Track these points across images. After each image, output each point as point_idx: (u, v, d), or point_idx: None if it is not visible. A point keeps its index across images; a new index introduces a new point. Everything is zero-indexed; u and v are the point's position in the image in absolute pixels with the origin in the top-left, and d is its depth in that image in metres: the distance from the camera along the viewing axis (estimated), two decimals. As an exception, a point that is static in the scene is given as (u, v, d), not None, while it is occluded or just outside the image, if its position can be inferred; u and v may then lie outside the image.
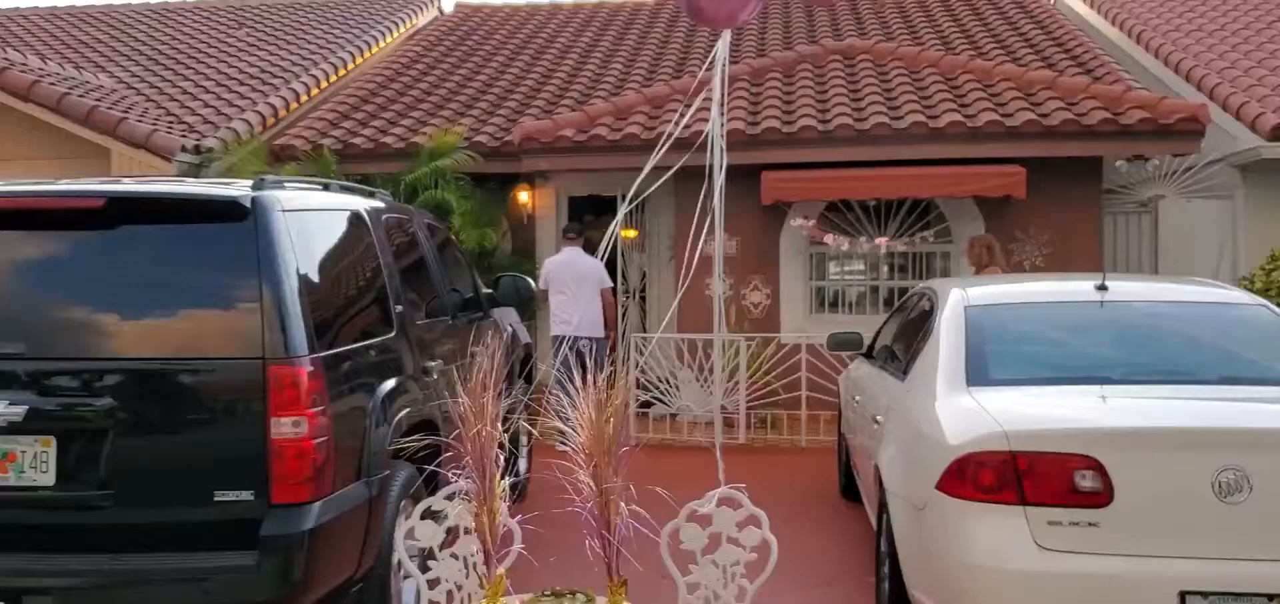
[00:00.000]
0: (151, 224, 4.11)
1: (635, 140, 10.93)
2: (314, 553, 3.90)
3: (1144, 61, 13.61)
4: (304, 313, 4.00)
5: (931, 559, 4.20)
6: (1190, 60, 12.72)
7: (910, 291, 6.78)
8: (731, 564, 3.92)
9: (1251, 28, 14.00)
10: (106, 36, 16.61)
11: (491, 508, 3.25)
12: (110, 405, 3.88)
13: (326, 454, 3.98)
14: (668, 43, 15.38)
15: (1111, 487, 3.80)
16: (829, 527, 7.04)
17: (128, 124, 11.44)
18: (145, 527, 3.89)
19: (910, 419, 4.83)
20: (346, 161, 11.71)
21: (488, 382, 3.21)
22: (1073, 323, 5.05)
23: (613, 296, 10.11)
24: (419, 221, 6.24)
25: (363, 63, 15.80)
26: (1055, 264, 10.70)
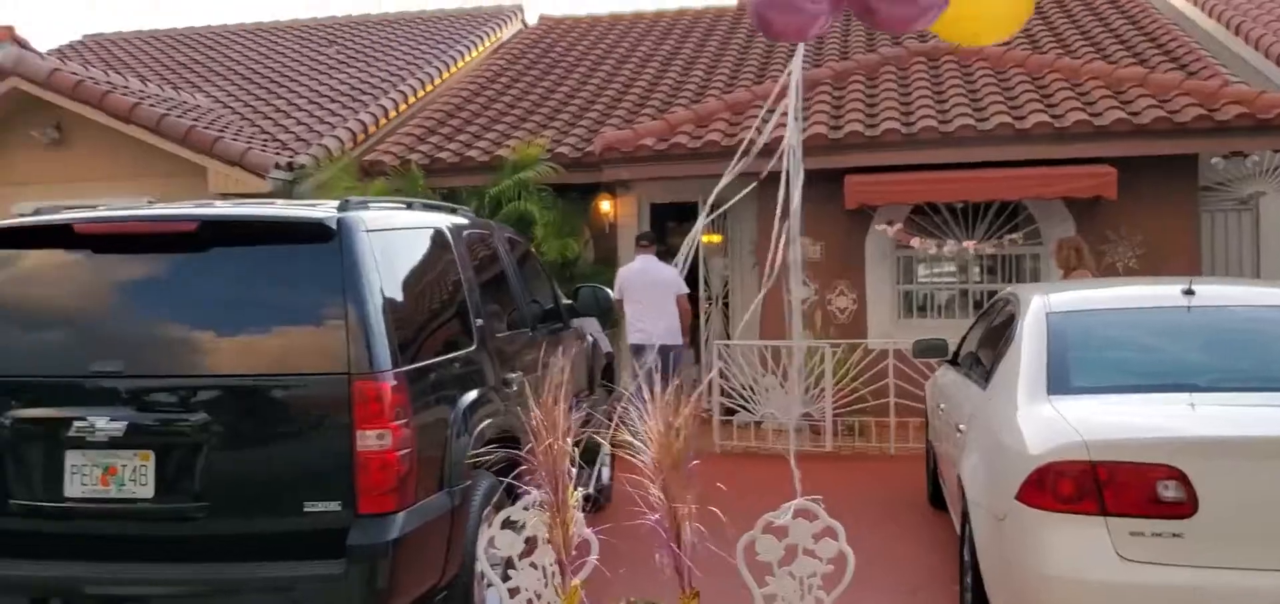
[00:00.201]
0: (242, 245, 4.28)
1: (715, 147, 10.96)
2: (399, 562, 4.02)
3: (1243, 54, 13.21)
4: (387, 329, 4.13)
5: (1011, 570, 4.15)
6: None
7: (995, 297, 6.69)
8: (808, 576, 3.94)
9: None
10: (203, 57, 17.17)
11: (564, 519, 3.31)
12: (205, 420, 4.05)
13: (410, 465, 4.09)
14: (749, 49, 15.37)
15: (1196, 497, 3.72)
16: (916, 535, 6.98)
17: (223, 143, 11.81)
18: (238, 536, 4.04)
19: (991, 428, 4.78)
20: (433, 175, 11.95)
21: (559, 394, 3.27)
22: (1158, 328, 4.94)
23: (688, 304, 10.10)
24: (499, 236, 6.36)
25: (449, 77, 16.08)
26: (1149, 266, 10.44)
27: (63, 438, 4.03)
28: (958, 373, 6.37)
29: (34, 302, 4.41)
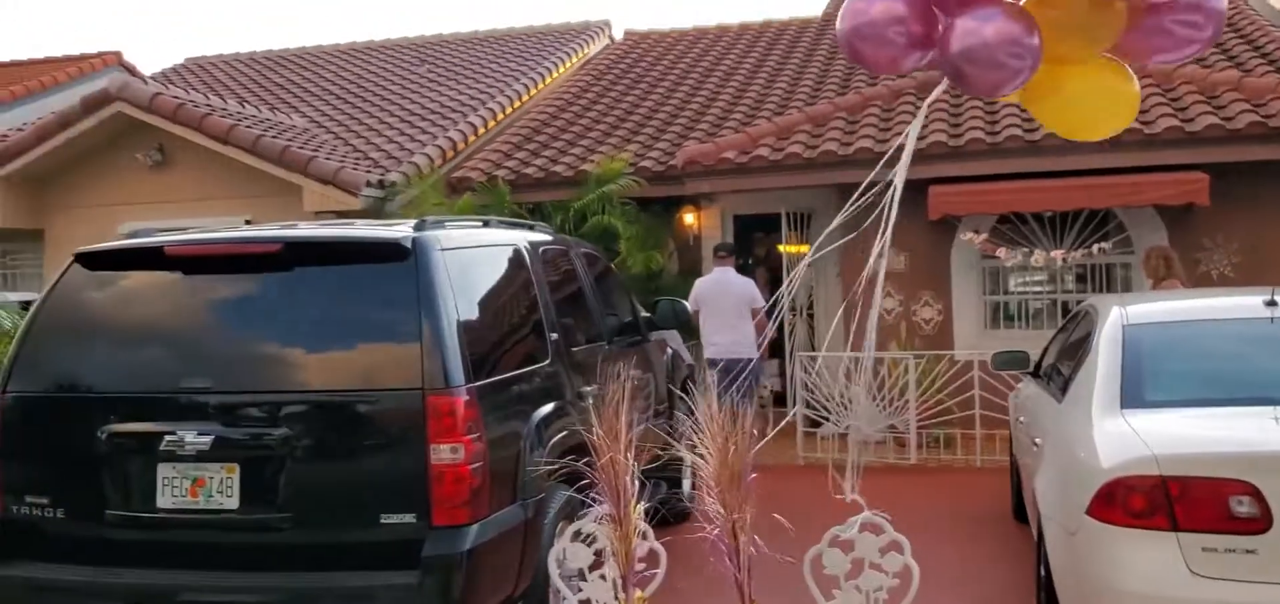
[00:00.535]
0: (323, 265, 4.46)
1: (796, 159, 10.97)
2: (472, 572, 4.13)
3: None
4: (461, 345, 4.25)
5: (1083, 585, 4.12)
6: (1399, 50, 11.85)
7: (1075, 309, 6.60)
8: (874, 590, 3.95)
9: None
10: (299, 78, 17.72)
11: (626, 532, 3.38)
12: (286, 434, 4.22)
13: (483, 478, 4.21)
14: (832, 61, 15.31)
15: (1270, 513, 3.65)
16: (997, 548, 6.91)
17: (317, 162, 12.17)
18: (318, 546, 4.20)
19: (1064, 442, 4.74)
20: (519, 191, 12.17)
21: (620, 407, 3.35)
22: (1238, 340, 4.84)
23: (765, 318, 10.06)
24: (576, 251, 6.48)
25: (537, 94, 16.33)
26: (1246, 274, 10.13)
27: (155, 451, 4.23)
28: (1038, 386, 6.30)
29: (127, 321, 4.66)
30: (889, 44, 3.38)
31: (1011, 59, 3.06)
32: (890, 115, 11.56)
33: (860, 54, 3.58)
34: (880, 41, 3.42)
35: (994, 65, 3.06)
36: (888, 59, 3.53)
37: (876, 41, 3.45)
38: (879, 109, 11.76)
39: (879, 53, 3.50)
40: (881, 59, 3.54)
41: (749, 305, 9.61)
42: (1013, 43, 3.05)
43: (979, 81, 3.11)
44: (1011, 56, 3.06)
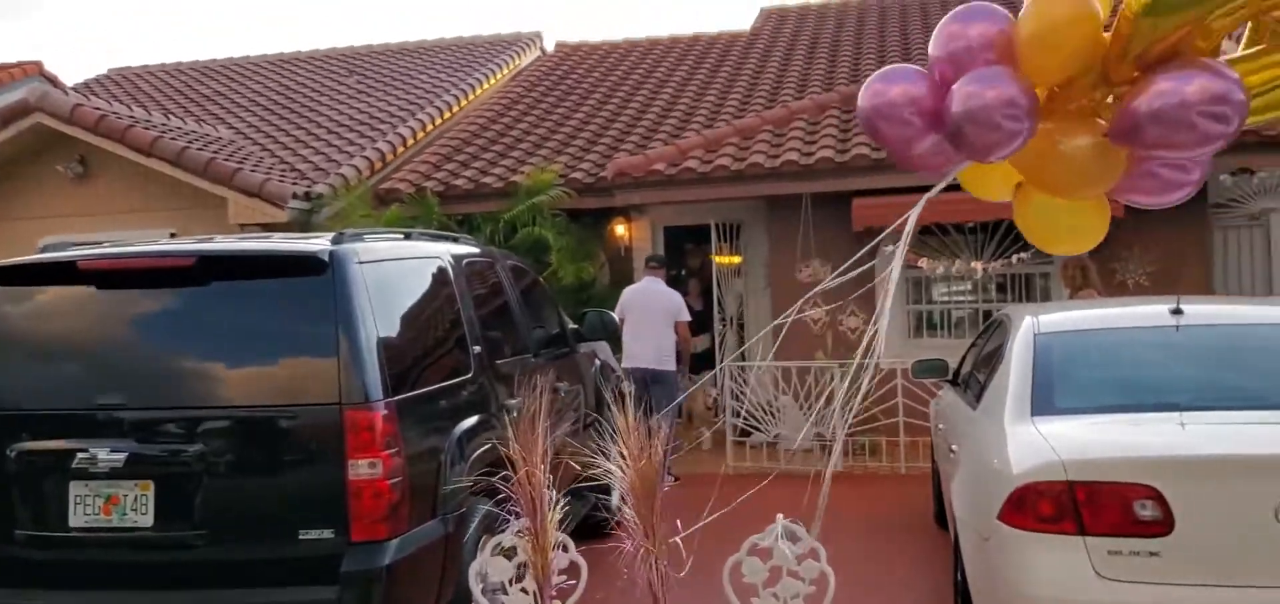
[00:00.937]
0: (238, 279, 4.41)
1: (724, 172, 11.06)
2: (391, 588, 4.12)
3: None
4: (379, 359, 4.24)
5: (996, 589, 4.21)
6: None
7: (990, 319, 6.75)
8: (791, 598, 4.00)
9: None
10: (225, 89, 17.46)
11: (543, 544, 3.39)
12: (202, 450, 4.18)
13: (402, 493, 4.20)
14: (761, 74, 15.46)
15: (1172, 516, 3.77)
16: (919, 554, 7.02)
17: (242, 175, 12.01)
18: (236, 563, 4.16)
19: (978, 448, 4.84)
20: (448, 202, 12.11)
21: (537, 420, 3.37)
22: (1144, 348, 4.98)
23: (688, 330, 10.13)
24: (503, 263, 6.48)
25: (467, 105, 16.26)
26: (1160, 284, 10.41)
27: (67, 469, 4.16)
28: (955, 393, 6.42)
29: (40, 337, 4.58)
30: (903, 123, 3.40)
31: (1007, 122, 3.10)
32: (816, 128, 11.71)
33: (876, 130, 3.60)
34: (894, 119, 3.43)
35: (991, 127, 3.10)
36: (901, 139, 3.55)
37: (891, 119, 3.48)
38: (805, 122, 11.91)
39: (893, 131, 3.53)
40: (894, 137, 3.56)
41: (673, 317, 9.67)
42: (1010, 104, 3.10)
43: (975, 140, 3.17)
44: (1008, 119, 3.10)
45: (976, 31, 3.31)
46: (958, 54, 3.32)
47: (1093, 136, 3.30)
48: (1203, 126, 2.98)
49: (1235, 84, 2.99)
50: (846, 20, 17.47)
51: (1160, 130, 3.04)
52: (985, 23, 3.33)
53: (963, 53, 3.31)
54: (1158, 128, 3.03)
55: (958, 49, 3.33)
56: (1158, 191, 3.53)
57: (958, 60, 3.32)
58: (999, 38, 3.29)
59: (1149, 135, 3.08)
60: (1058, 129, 3.31)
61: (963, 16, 3.39)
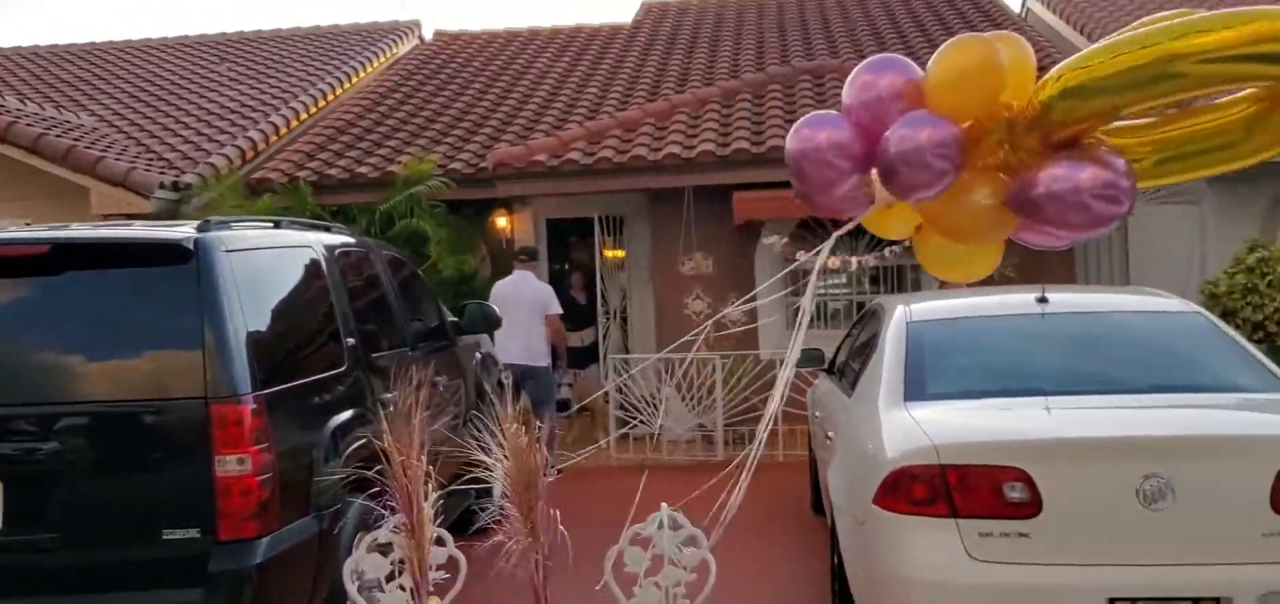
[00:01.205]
0: (96, 268, 4.20)
1: (607, 164, 11.05)
2: (262, 588, 3.98)
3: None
4: (247, 352, 4.09)
5: (871, 572, 4.28)
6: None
7: (865, 308, 6.88)
8: (673, 586, 4.01)
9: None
10: (87, 74, 16.73)
11: (420, 540, 3.32)
12: (57, 448, 3.97)
13: (272, 490, 4.05)
14: (643, 67, 15.50)
15: (1040, 497, 3.88)
16: (797, 540, 7.11)
17: (106, 163, 11.52)
18: (94, 567, 3.96)
19: (853, 434, 4.92)
20: (323, 193, 11.81)
21: (413, 413, 3.29)
22: (1012, 335, 5.13)
23: (560, 324, 10.07)
24: (379, 254, 6.33)
25: (343, 94, 15.90)
26: (1026, 274, 10.74)
27: None
28: (831, 382, 6.52)
29: None
30: (829, 166, 3.55)
31: (937, 162, 3.28)
32: (697, 122, 11.78)
33: (802, 172, 3.71)
34: (821, 163, 3.58)
35: (922, 167, 3.27)
36: (824, 180, 3.68)
37: (818, 162, 3.60)
38: (686, 116, 11.97)
39: (819, 173, 3.65)
40: (819, 179, 3.68)
41: (542, 311, 9.58)
42: (942, 145, 3.27)
43: (906, 180, 3.32)
44: (938, 159, 3.28)
45: (887, 81, 3.52)
46: (870, 103, 3.52)
47: (995, 193, 3.43)
48: (1096, 208, 3.19)
49: (1123, 174, 3.20)
50: (726, 15, 17.64)
51: (1056, 209, 3.24)
52: (895, 73, 3.55)
53: (875, 101, 3.51)
54: (1054, 206, 3.24)
55: (870, 98, 3.53)
56: (1055, 240, 3.67)
57: (871, 108, 3.52)
58: (907, 87, 3.48)
59: (1045, 213, 3.28)
60: (963, 182, 3.42)
61: (874, 68, 3.60)
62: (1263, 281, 9.17)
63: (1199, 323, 5.06)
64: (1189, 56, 2.92)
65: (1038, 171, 3.26)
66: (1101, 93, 3.11)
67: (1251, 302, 9.14)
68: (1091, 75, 3.12)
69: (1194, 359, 4.84)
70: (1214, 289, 9.44)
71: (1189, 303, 5.44)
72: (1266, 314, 9.03)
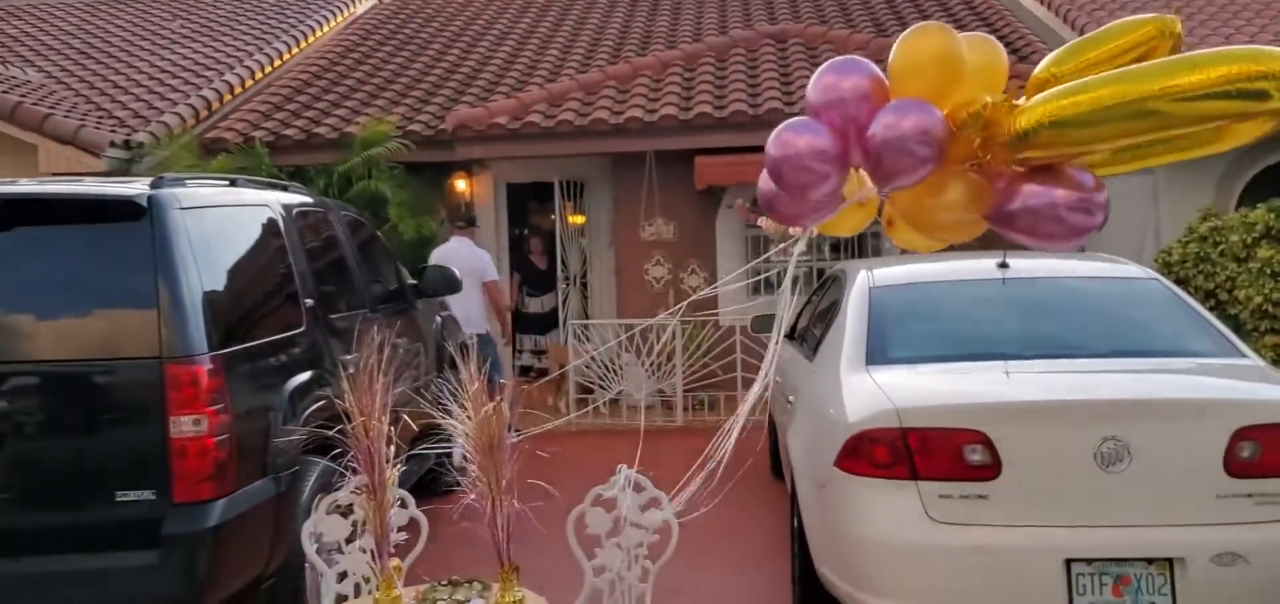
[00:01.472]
0: (46, 225, 4.10)
1: (568, 127, 10.96)
2: (218, 551, 3.93)
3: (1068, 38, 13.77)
4: (203, 310, 4.02)
5: (833, 534, 4.30)
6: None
7: (826, 273, 6.89)
8: (634, 546, 4.00)
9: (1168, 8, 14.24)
10: (35, 30, 16.35)
11: (382, 501, 3.29)
12: (6, 408, 3.88)
13: (229, 451, 4.00)
14: (604, 29, 15.39)
15: (999, 460, 3.91)
16: (755, 505, 7.14)
17: (54, 120, 11.27)
18: (45, 528, 3.89)
19: (814, 398, 4.93)
20: (279, 154, 11.64)
21: (375, 373, 3.24)
22: (973, 300, 5.16)
23: (498, 290, 9.98)
24: (337, 215, 6.24)
25: (299, 53, 15.65)
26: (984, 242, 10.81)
27: None
28: (792, 347, 6.53)
29: None
30: (806, 169, 3.56)
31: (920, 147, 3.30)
32: (660, 85, 11.71)
33: (780, 175, 3.70)
34: (800, 167, 3.57)
35: (906, 152, 3.29)
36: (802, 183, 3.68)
37: (797, 166, 3.59)
38: (649, 79, 11.90)
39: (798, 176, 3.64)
40: (798, 181, 3.67)
41: (479, 278, 9.48)
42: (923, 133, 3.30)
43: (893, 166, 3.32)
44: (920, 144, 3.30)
45: (850, 82, 3.54)
46: (837, 103, 3.54)
47: (968, 192, 3.45)
48: (1071, 220, 3.28)
49: (1097, 192, 3.30)
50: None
51: (1032, 221, 3.33)
52: (858, 74, 3.56)
53: (842, 102, 3.53)
54: (1030, 219, 3.33)
55: (836, 98, 3.54)
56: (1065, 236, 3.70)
57: (840, 109, 3.53)
58: (872, 83, 3.51)
59: (1021, 225, 3.37)
60: (934, 180, 3.44)
61: (837, 70, 3.60)
62: (1215, 250, 9.29)
63: (1157, 289, 5.12)
64: (1165, 96, 2.96)
65: (1013, 193, 3.36)
66: (1083, 127, 3.16)
67: (1203, 270, 9.27)
68: (1075, 110, 3.16)
69: (1152, 325, 4.89)
70: (1167, 258, 9.56)
71: (1147, 270, 5.50)
72: (1218, 283, 9.16)
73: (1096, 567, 3.84)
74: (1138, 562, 3.83)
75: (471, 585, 3.43)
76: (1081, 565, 3.84)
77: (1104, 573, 3.84)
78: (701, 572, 5.59)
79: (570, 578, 4.01)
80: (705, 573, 5.61)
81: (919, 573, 3.97)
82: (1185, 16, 13.69)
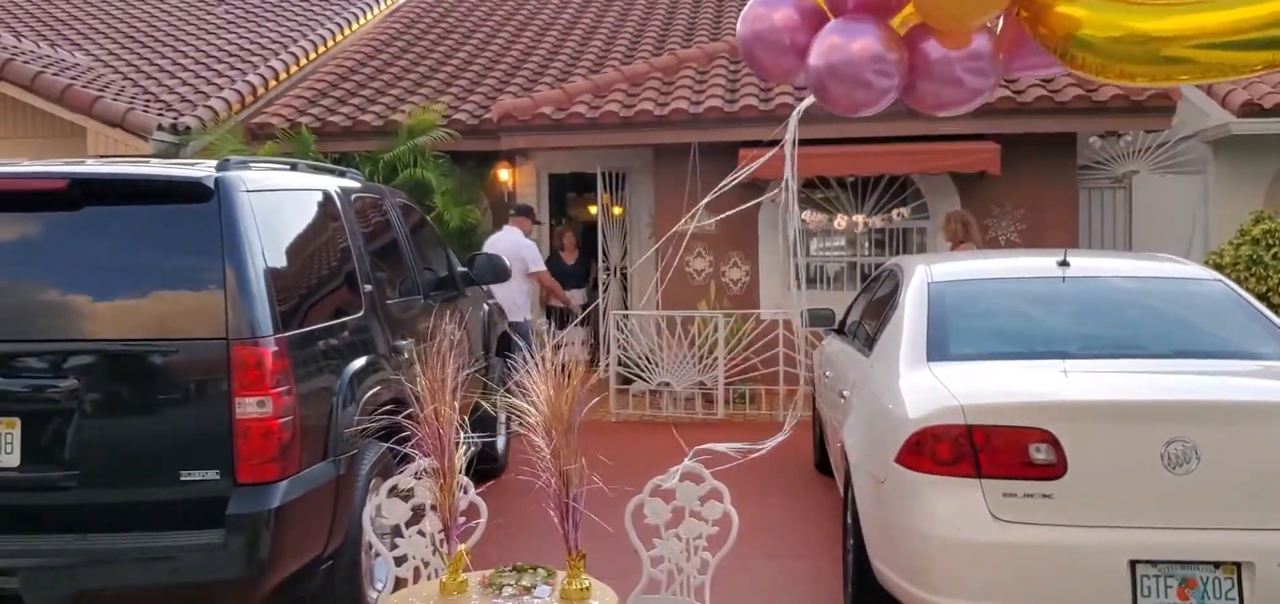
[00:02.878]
0: (116, 205, 4.13)
1: (614, 119, 10.96)
2: (280, 531, 3.95)
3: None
4: (268, 293, 4.04)
5: (892, 531, 4.26)
6: (1165, 35, 12.75)
7: (879, 268, 6.85)
8: (694, 538, 3.99)
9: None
10: (83, 13, 16.54)
11: (450, 485, 3.29)
12: (75, 387, 3.91)
13: (292, 433, 4.02)
14: (649, 20, 15.37)
15: (1065, 459, 3.87)
16: (801, 499, 7.12)
17: (104, 103, 11.40)
18: (111, 506, 3.92)
19: (873, 394, 4.90)
20: (324, 140, 11.71)
21: (446, 358, 3.25)
22: (1033, 298, 5.11)
23: (549, 278, 10.07)
24: (391, 201, 6.27)
25: (343, 40, 15.77)
26: (1031, 239, 10.77)
27: None
28: (843, 342, 6.50)
29: None
30: (783, 52, 3.40)
31: (878, 77, 3.10)
32: (705, 77, 11.69)
33: (755, 60, 3.57)
34: (774, 48, 3.43)
35: (858, 83, 3.09)
36: (782, 69, 3.53)
37: (770, 47, 3.45)
38: (694, 71, 11.87)
39: (773, 60, 3.49)
40: (775, 68, 3.53)
41: (522, 268, 9.59)
42: (877, 60, 3.10)
43: (840, 100, 3.16)
44: (877, 74, 3.10)
45: None
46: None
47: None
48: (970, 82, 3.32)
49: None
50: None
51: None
52: None
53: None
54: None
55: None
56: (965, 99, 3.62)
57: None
58: None
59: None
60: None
61: None
62: (1268, 253, 9.17)
63: (1220, 290, 5.04)
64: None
65: None
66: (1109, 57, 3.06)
67: (1256, 273, 9.14)
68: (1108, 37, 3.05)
69: (1216, 326, 4.82)
70: (1218, 260, 9.43)
71: (1209, 271, 5.43)
72: (1270, 285, 9.04)
73: (1162, 569, 3.79)
74: (1205, 564, 3.77)
75: (536, 572, 3.43)
76: (1147, 567, 3.79)
77: (1170, 575, 3.79)
78: (751, 564, 5.58)
79: (624, 567, 4.01)
80: (755, 565, 5.59)
81: (982, 571, 3.93)
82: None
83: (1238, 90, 10.90)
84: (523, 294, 9.68)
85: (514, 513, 4.82)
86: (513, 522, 4.62)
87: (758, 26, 3.60)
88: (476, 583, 3.39)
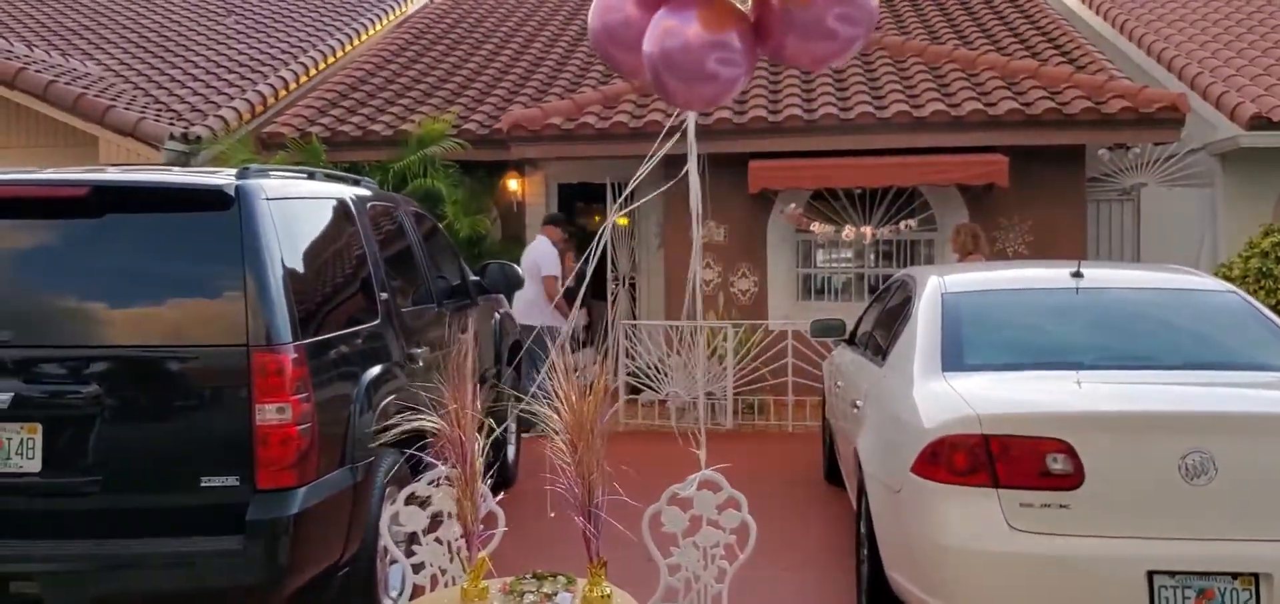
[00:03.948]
0: (136, 213, 4.16)
1: (623, 129, 10.99)
2: (299, 537, 3.97)
3: (1127, 51, 13.69)
4: (288, 300, 4.07)
5: (907, 540, 4.27)
6: (1171, 50, 12.79)
7: (891, 279, 6.86)
8: (711, 546, 4.01)
9: (1231, 18, 14.11)
10: (94, 23, 16.57)
11: (472, 492, 3.31)
12: (96, 392, 3.94)
13: (311, 440, 4.04)
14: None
15: (1082, 469, 3.88)
16: (812, 509, 7.12)
17: (115, 112, 11.44)
18: (131, 512, 3.94)
19: (887, 404, 4.91)
20: (335, 150, 11.75)
21: (466, 367, 3.27)
22: (1047, 309, 5.12)
23: (554, 284, 10.12)
24: (405, 209, 6.30)
25: (352, 50, 15.80)
26: (1038, 251, 10.78)
27: None
28: (854, 352, 6.51)
29: None
30: (636, 48, 3.03)
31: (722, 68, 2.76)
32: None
33: (611, 57, 3.29)
34: (629, 47, 3.10)
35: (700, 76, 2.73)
36: (636, 65, 3.16)
37: (625, 47, 3.17)
38: (702, 81, 11.88)
39: (628, 58, 3.18)
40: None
41: (539, 272, 9.68)
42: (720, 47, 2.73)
43: (679, 94, 2.83)
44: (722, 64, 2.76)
45: None
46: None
47: None
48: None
49: None
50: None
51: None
52: None
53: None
54: None
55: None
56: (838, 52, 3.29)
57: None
58: None
59: None
60: None
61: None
62: (1278, 266, 9.16)
63: (1234, 302, 5.06)
64: None
65: None
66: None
67: (1265, 285, 9.14)
68: None
69: (1231, 338, 4.83)
70: (1227, 273, 9.44)
71: (1223, 282, 5.44)
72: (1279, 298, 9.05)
73: (1180, 579, 3.80)
74: (1223, 576, 3.78)
75: (557, 579, 3.44)
76: (1164, 578, 3.80)
77: (1187, 586, 3.80)
78: (763, 573, 5.58)
79: (637, 576, 4.02)
80: (768, 575, 5.60)
81: (999, 581, 3.93)
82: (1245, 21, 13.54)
83: (1246, 104, 10.92)
84: (541, 297, 9.75)
85: (526, 523, 4.84)
86: (525, 532, 4.63)
87: (607, 18, 3.27)
88: (497, 590, 3.40)
